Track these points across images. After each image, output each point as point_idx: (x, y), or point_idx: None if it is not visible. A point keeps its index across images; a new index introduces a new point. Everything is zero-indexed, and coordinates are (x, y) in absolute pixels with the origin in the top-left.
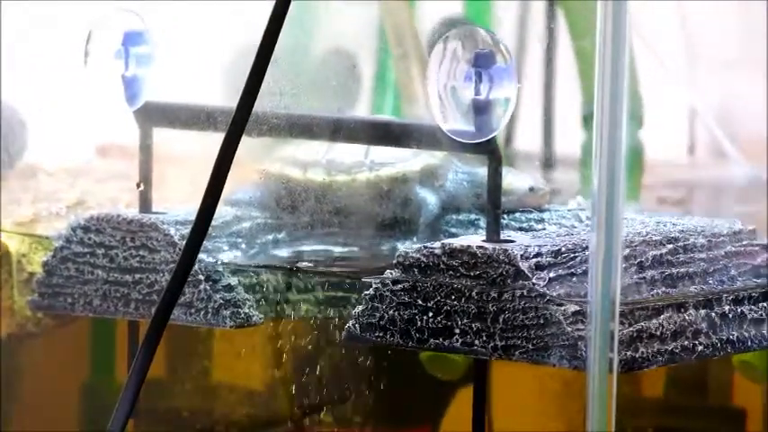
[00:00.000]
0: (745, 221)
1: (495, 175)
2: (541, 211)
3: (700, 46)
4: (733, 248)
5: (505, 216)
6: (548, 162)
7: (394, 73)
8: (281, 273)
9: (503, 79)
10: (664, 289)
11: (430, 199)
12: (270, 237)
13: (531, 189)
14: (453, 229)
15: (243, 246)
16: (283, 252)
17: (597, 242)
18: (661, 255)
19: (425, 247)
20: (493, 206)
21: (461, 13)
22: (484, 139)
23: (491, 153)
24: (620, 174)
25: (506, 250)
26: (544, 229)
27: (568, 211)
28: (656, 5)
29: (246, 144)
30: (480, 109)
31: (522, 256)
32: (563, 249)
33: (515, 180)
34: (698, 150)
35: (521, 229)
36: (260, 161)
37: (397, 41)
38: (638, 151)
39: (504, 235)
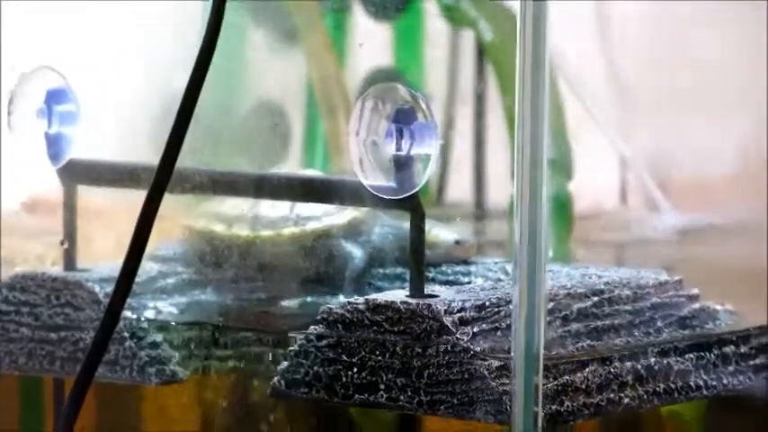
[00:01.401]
0: (679, 270)
1: (417, 231)
2: (468, 263)
3: (629, 91)
4: (659, 300)
5: (432, 269)
6: (479, 214)
7: (323, 127)
8: (206, 329)
9: (424, 135)
10: (589, 342)
11: (356, 253)
12: (195, 292)
13: (458, 242)
14: (379, 283)
15: (167, 302)
16: (208, 308)
17: (519, 296)
18: (586, 307)
19: (349, 303)
20: (416, 262)
21: (392, 65)
22: (406, 195)
23: (413, 209)
24: (542, 226)
25: (430, 305)
26: (470, 282)
27: (495, 263)
28: (582, 49)
29: (171, 199)
30: (401, 165)
31: (445, 311)
32: (487, 303)
33: (441, 233)
34: (630, 199)
35: (447, 282)
36: (184, 216)
37: (324, 95)
38: (567, 204)
39: (429, 289)
